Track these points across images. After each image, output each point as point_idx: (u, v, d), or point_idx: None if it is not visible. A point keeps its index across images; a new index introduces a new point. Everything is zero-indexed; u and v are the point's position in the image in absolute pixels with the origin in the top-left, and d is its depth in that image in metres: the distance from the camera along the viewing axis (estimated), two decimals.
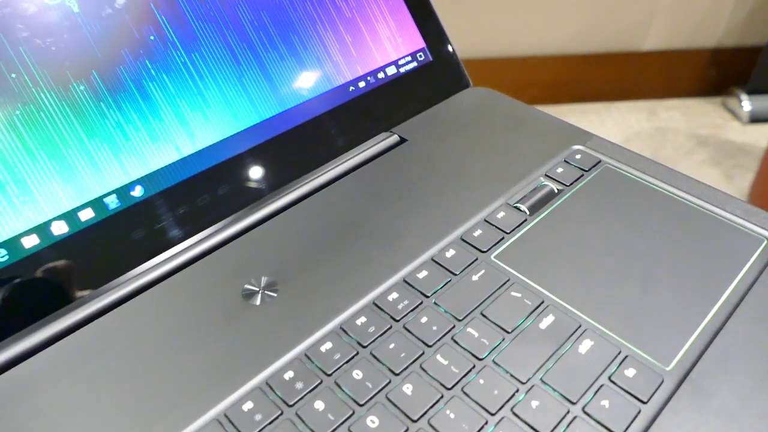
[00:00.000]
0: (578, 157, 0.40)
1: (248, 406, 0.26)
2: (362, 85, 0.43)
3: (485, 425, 0.26)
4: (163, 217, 0.35)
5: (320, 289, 0.32)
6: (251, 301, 0.31)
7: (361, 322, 0.30)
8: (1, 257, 0.30)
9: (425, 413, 0.26)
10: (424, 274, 0.32)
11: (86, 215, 0.33)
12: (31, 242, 0.31)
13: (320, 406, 0.26)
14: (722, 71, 1.52)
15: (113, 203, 0.33)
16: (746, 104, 1.47)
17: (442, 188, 0.38)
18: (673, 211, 0.36)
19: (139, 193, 0.34)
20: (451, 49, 0.47)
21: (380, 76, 0.44)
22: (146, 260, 0.34)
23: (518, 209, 0.36)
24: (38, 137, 0.31)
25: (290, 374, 0.28)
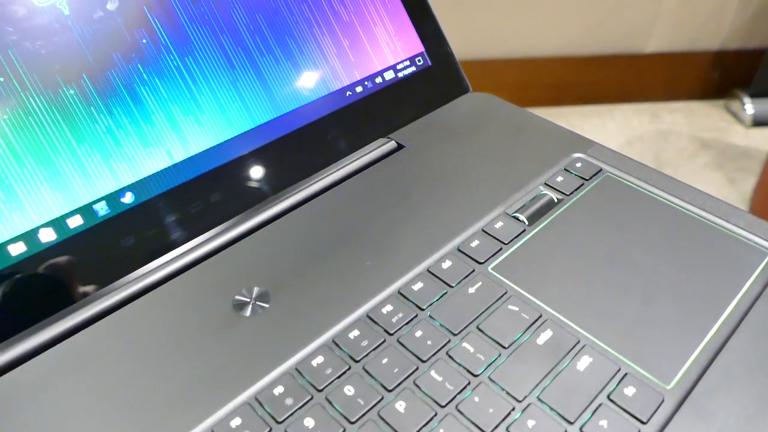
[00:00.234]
0: (579, 165, 0.39)
1: (236, 422, 0.26)
2: (359, 90, 0.42)
3: None
4: (153, 224, 0.34)
5: (313, 300, 0.31)
6: (242, 312, 0.30)
7: (354, 335, 0.29)
8: None
9: None
10: (419, 285, 0.31)
11: (75, 222, 0.32)
12: (17, 250, 0.30)
13: (310, 423, 0.26)
14: (725, 74, 1.51)
15: (103, 210, 0.33)
16: (749, 107, 1.46)
17: (439, 197, 0.37)
18: (675, 222, 0.35)
19: (129, 199, 0.33)
20: (450, 53, 0.46)
21: (378, 80, 0.43)
22: (136, 269, 0.33)
23: (517, 219, 0.35)
24: (26, 142, 0.31)
25: (280, 389, 0.27)
